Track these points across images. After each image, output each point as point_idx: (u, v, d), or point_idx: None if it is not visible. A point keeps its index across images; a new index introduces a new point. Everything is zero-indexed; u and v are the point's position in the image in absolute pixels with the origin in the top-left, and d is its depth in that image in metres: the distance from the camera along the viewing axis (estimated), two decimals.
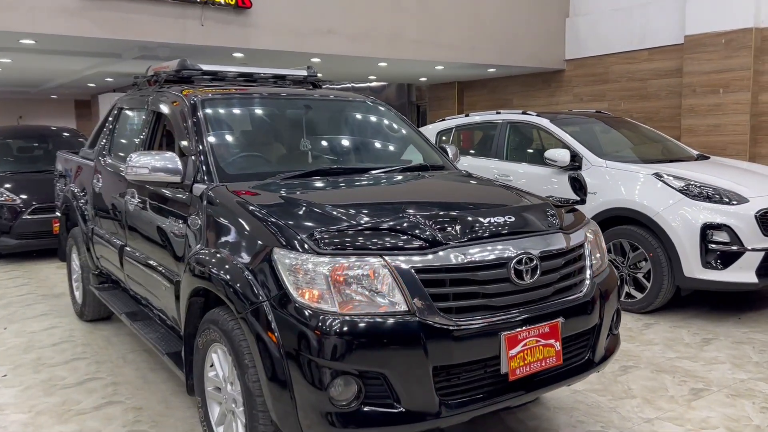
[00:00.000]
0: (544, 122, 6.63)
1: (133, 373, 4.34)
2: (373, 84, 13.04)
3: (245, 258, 2.69)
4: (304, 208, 2.82)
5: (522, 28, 8.91)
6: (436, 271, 2.49)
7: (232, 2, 6.23)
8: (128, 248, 4.17)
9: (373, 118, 4.31)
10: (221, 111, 3.77)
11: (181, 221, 3.32)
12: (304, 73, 4.72)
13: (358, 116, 4.28)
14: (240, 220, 2.84)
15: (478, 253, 2.57)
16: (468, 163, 7.27)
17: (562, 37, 9.33)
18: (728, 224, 5.09)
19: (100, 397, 3.96)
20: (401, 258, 2.47)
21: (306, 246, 2.48)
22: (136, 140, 4.36)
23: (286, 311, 2.43)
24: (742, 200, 5.20)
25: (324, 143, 3.93)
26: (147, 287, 3.92)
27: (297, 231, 2.56)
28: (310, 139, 3.92)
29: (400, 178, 3.55)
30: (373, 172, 3.58)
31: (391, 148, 4.18)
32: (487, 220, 2.76)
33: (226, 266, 2.76)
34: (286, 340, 2.41)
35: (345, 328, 2.35)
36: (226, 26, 6.41)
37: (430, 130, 8.36)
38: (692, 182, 5.37)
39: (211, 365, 2.97)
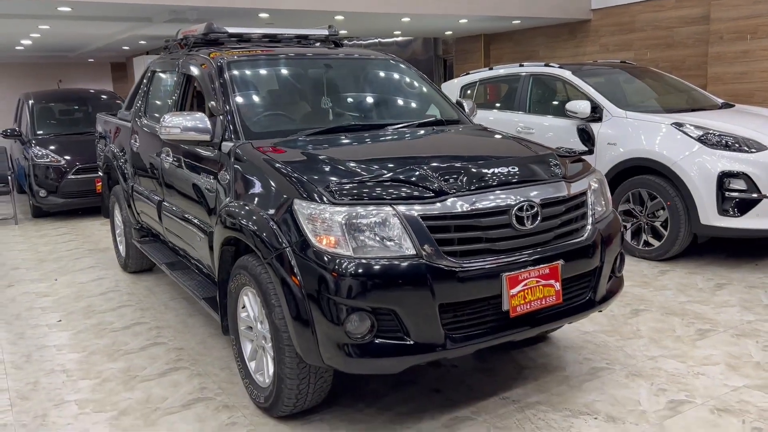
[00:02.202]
0: (566, 74, 6.66)
1: (174, 318, 4.69)
2: (399, 39, 13.00)
3: (270, 209, 2.91)
4: (321, 163, 3.02)
5: None
6: (441, 218, 2.69)
7: None
8: (165, 203, 4.44)
9: (392, 76, 4.44)
10: (246, 72, 3.96)
11: (212, 177, 3.57)
12: (326, 32, 4.88)
13: (378, 74, 4.42)
14: (264, 174, 3.06)
15: (480, 202, 2.76)
16: (492, 116, 7.37)
17: None
18: (746, 172, 5.14)
19: (145, 339, 4.31)
20: (409, 207, 2.67)
21: (323, 197, 2.70)
22: (169, 101, 4.59)
23: (306, 256, 2.67)
24: (761, 147, 5.23)
25: (345, 101, 4.10)
26: (184, 239, 4.20)
27: (315, 184, 2.78)
28: (332, 97, 4.09)
29: (414, 132, 3.71)
30: (390, 127, 3.75)
31: (410, 104, 4.33)
32: (491, 170, 2.94)
33: (253, 217, 2.99)
34: (307, 282, 2.65)
35: (359, 270, 2.58)
36: None
37: (455, 84, 8.43)
38: (711, 131, 5.40)
39: (243, 307, 3.24)
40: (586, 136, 4.04)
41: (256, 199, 3.07)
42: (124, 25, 7.33)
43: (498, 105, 7.81)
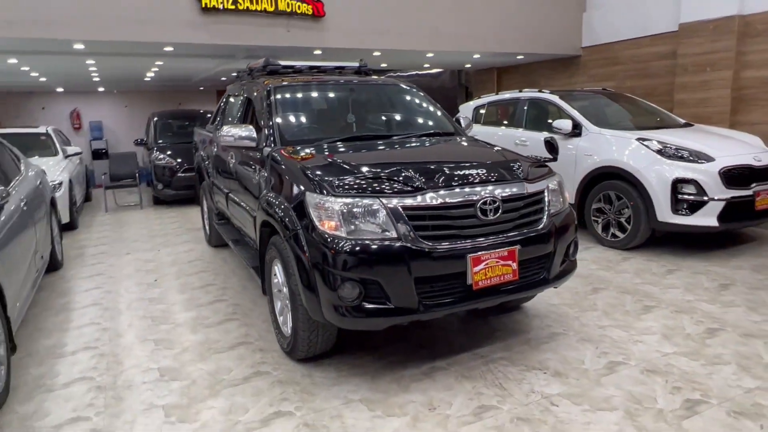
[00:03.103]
0: (554, 98, 6.39)
1: (237, 281, 4.75)
2: (433, 71, 12.79)
3: (290, 199, 2.90)
4: (330, 164, 2.98)
5: (544, 21, 8.46)
6: (418, 209, 2.61)
7: (310, 13, 6.32)
8: (231, 194, 4.50)
9: (403, 97, 4.34)
10: (287, 95, 3.94)
11: (257, 174, 3.58)
12: (357, 64, 4.83)
13: (392, 96, 4.33)
14: (289, 172, 3.05)
15: (450, 196, 2.66)
16: (499, 131, 7.16)
17: (578, 28, 8.76)
18: (695, 179, 4.81)
19: (213, 297, 4.38)
20: (392, 200, 2.60)
21: (326, 190, 2.66)
22: (236, 117, 4.64)
23: (313, 236, 2.64)
24: (709, 159, 4.88)
25: (362, 116, 4.02)
26: (241, 221, 4.24)
27: (321, 180, 2.74)
28: (352, 113, 4.03)
29: (413, 142, 3.61)
30: (395, 137, 3.66)
31: (415, 119, 4.22)
32: (463, 172, 2.83)
33: (280, 205, 2.99)
34: (313, 256, 2.63)
35: (351, 248, 2.54)
36: (306, 31, 6.53)
37: (470, 106, 8.22)
38: (668, 145, 5.08)
39: (274, 274, 3.24)
40: (551, 147, 3.88)
41: (282, 190, 3.05)
42: (216, 61, 7.49)
43: (503, 122, 7.59)
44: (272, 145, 3.48)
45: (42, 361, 3.28)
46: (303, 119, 3.85)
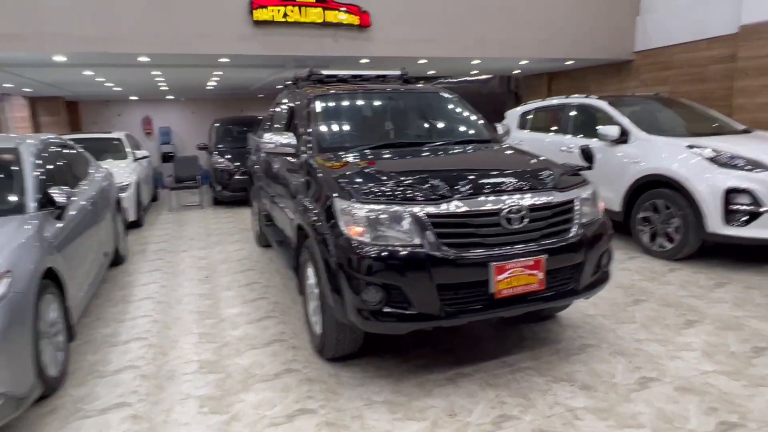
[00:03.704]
0: (602, 104, 6.13)
1: (280, 281, 4.87)
2: (483, 77, 12.60)
3: (320, 204, 2.95)
4: (361, 171, 3.00)
5: (594, 26, 8.12)
6: (442, 217, 2.58)
7: (357, 23, 6.40)
8: (274, 198, 4.62)
9: (441, 105, 4.30)
10: (326, 103, 4.00)
11: (295, 179, 3.66)
12: (398, 73, 4.84)
13: (430, 103, 4.30)
14: (321, 178, 3.10)
15: (474, 205, 2.62)
16: (544, 138, 6.96)
17: (631, 32, 8.35)
18: (750, 189, 4.47)
19: (257, 294, 4.52)
20: (417, 208, 2.59)
21: (353, 197, 2.68)
22: (282, 124, 4.76)
23: (339, 241, 2.67)
24: (765, 168, 4.52)
25: (398, 124, 4.02)
26: (282, 224, 4.35)
27: (350, 186, 2.77)
28: (388, 121, 4.04)
29: (446, 149, 3.57)
30: (428, 145, 3.64)
31: (452, 127, 4.17)
32: (490, 180, 2.77)
33: (313, 210, 3.04)
34: (339, 260, 2.65)
35: (374, 254, 2.55)
36: (353, 41, 6.61)
37: (517, 112, 8.03)
38: (721, 152, 4.75)
39: (308, 276, 3.30)
40: (587, 155, 3.73)
41: (314, 195, 3.11)
42: (268, 70, 7.74)
43: (549, 129, 7.36)
44: (309, 152, 3.55)
45: (98, 349, 3.50)
46: (341, 127, 3.90)
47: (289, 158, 3.87)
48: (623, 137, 5.60)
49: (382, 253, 2.54)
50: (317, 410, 2.65)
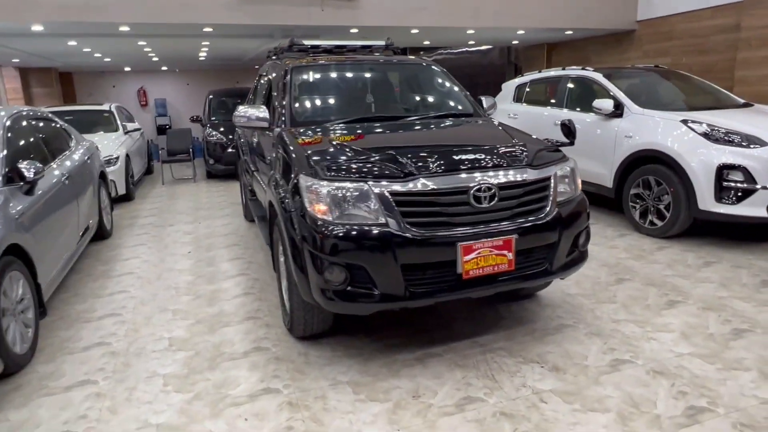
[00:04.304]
0: (597, 76, 5.94)
1: (263, 257, 4.82)
2: (483, 48, 12.27)
3: (288, 181, 2.86)
4: (329, 147, 2.89)
5: None
6: (407, 194, 2.49)
7: None
8: (254, 172, 4.53)
9: (424, 77, 4.15)
10: (304, 75, 3.87)
11: (270, 153, 3.56)
12: (383, 43, 4.67)
13: (411, 75, 4.15)
14: (290, 153, 2.99)
15: (441, 183, 2.52)
16: (539, 111, 6.78)
17: (634, 2, 8.04)
18: (744, 165, 4.33)
19: (237, 270, 4.47)
20: (381, 185, 2.49)
21: (317, 174, 2.59)
22: (259, 97, 4.63)
23: (304, 219, 2.59)
24: (763, 143, 4.37)
25: (378, 97, 3.88)
26: (262, 199, 4.27)
27: (315, 163, 2.67)
28: (367, 94, 3.90)
29: (422, 124, 3.44)
30: (406, 119, 3.51)
31: (434, 100, 4.03)
32: (461, 156, 2.66)
33: (282, 186, 2.95)
34: (304, 239, 2.58)
35: (337, 233, 2.47)
36: (340, 10, 6.38)
37: (513, 84, 7.82)
38: (716, 127, 4.58)
39: (280, 253, 3.24)
40: (567, 130, 3.59)
41: (283, 172, 3.02)
42: (257, 41, 7.53)
43: (544, 101, 7.17)
44: (282, 125, 3.44)
45: (71, 325, 3.48)
46: (316, 100, 3.77)
47: (264, 132, 3.76)
48: (618, 111, 5.44)
49: (346, 233, 2.46)
50: (281, 390, 2.62)
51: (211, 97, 10.92)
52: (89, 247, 5.33)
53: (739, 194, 4.38)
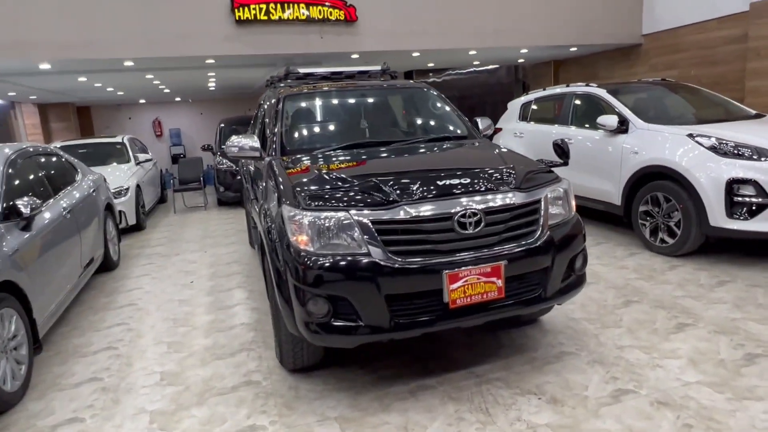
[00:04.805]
0: (601, 92, 5.86)
1: (262, 286, 4.77)
2: (490, 67, 12.29)
3: (274, 210, 2.84)
4: (313, 175, 2.86)
5: (598, 10, 7.76)
6: (389, 223, 2.44)
7: (342, 18, 6.25)
8: (252, 200, 4.53)
9: (416, 100, 4.13)
10: (296, 103, 3.89)
11: (262, 183, 3.55)
12: (378, 68, 4.69)
13: (404, 99, 4.14)
14: (277, 183, 2.98)
15: (424, 210, 2.46)
16: (543, 129, 6.71)
17: (638, 15, 7.97)
18: (755, 179, 4.18)
19: (236, 300, 4.43)
20: (363, 213, 2.45)
21: (299, 203, 2.56)
22: (255, 127, 4.67)
23: (287, 250, 2.55)
24: None
25: (369, 123, 3.87)
26: (258, 228, 4.26)
27: (297, 192, 2.64)
28: (359, 120, 3.89)
29: (411, 148, 3.38)
30: (395, 144, 3.47)
31: (425, 123, 4.00)
32: (445, 182, 2.61)
33: (269, 215, 2.93)
34: (288, 270, 2.54)
35: (318, 264, 2.42)
36: (339, 36, 6.46)
37: (518, 102, 7.79)
38: (725, 141, 4.45)
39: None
40: (561, 151, 3.51)
41: (270, 200, 3.00)
42: (261, 70, 7.67)
43: (549, 119, 7.10)
44: (273, 154, 3.44)
45: (65, 360, 3.48)
46: (307, 128, 3.77)
47: (257, 162, 3.77)
48: (623, 127, 5.34)
49: (327, 263, 2.41)
50: (267, 427, 2.55)
51: (222, 125, 11.11)
52: (95, 278, 5.38)
53: (752, 209, 4.21)
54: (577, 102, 6.34)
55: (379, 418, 2.55)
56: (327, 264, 2.41)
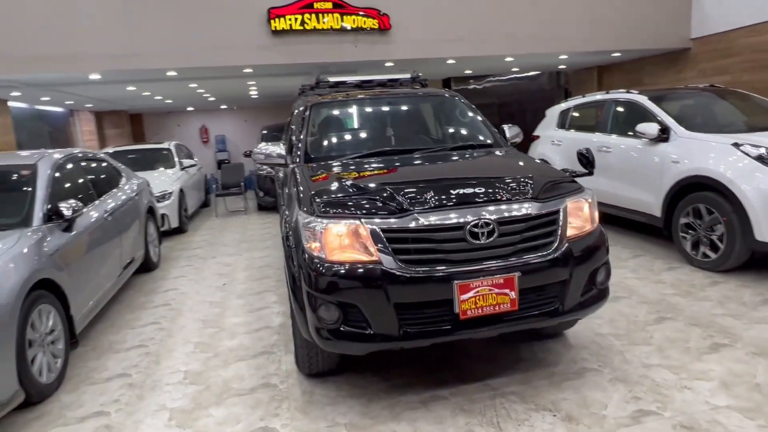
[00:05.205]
0: (641, 99, 5.65)
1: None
2: (531, 73, 12.09)
3: (293, 216, 2.90)
4: (332, 183, 2.90)
5: (643, 13, 7.47)
6: (399, 231, 2.44)
7: (376, 27, 6.31)
8: (282, 204, 4.64)
9: (442, 109, 4.11)
10: (323, 111, 3.96)
11: (285, 190, 3.64)
12: (408, 75, 4.72)
13: (430, 107, 4.13)
14: (297, 190, 3.04)
15: (436, 219, 2.45)
16: (581, 137, 6.54)
17: (687, 18, 7.63)
18: None
19: (264, 304, 4.52)
20: (373, 222, 2.46)
21: (313, 210, 2.60)
22: (287, 134, 4.77)
23: (301, 256, 2.60)
24: None
25: (393, 131, 3.89)
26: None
27: (312, 199, 2.69)
28: (383, 128, 3.92)
29: (432, 157, 3.36)
30: (417, 153, 3.46)
31: (449, 131, 3.98)
32: (460, 191, 2.58)
33: (288, 221, 3.00)
34: (302, 276, 2.59)
35: (329, 271, 2.45)
36: (374, 45, 6.53)
37: (557, 109, 7.62)
38: None
39: None
40: (586, 160, 3.41)
41: (291, 208, 3.06)
42: (297, 78, 7.81)
43: (588, 127, 6.90)
44: (297, 161, 3.52)
45: (100, 356, 3.67)
46: (332, 136, 3.84)
47: (284, 169, 3.86)
48: (664, 135, 5.12)
49: (338, 271, 2.44)
50: (278, 430, 2.60)
51: (264, 132, 11.43)
52: (135, 278, 5.64)
53: None
54: (617, 109, 6.13)
55: (388, 426, 2.55)
56: (337, 271, 2.44)
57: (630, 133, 5.68)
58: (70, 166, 4.45)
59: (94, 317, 4.26)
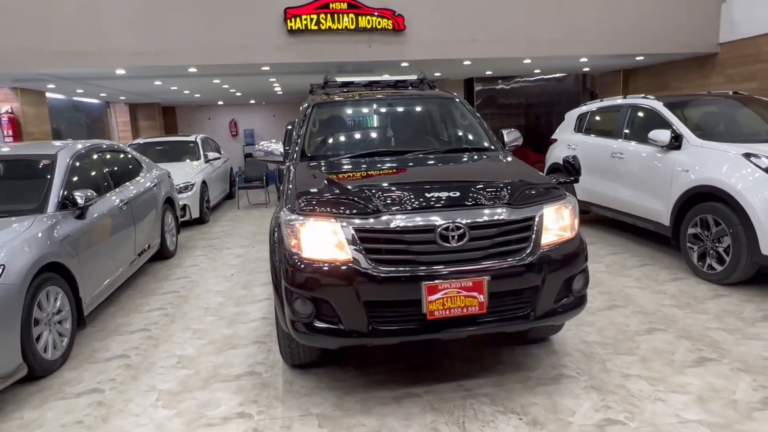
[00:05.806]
0: (657, 105, 5.53)
1: None
2: (558, 75, 11.89)
3: (279, 212, 3.01)
4: (317, 181, 2.99)
5: (671, 16, 7.25)
6: (371, 231, 2.51)
7: (390, 27, 6.37)
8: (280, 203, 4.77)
9: (441, 111, 4.14)
10: (324, 111, 4.05)
11: (282, 185, 3.76)
12: (415, 77, 4.76)
13: (429, 109, 4.17)
14: (286, 187, 3.15)
15: (407, 221, 2.51)
16: (596, 142, 6.45)
17: (715, 22, 7.37)
18: None
19: (267, 294, 4.66)
20: (347, 221, 2.54)
21: (293, 209, 2.70)
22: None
23: (282, 251, 2.71)
24: None
25: (394, 132, 3.94)
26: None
27: (297, 197, 2.79)
28: (380, 129, 3.98)
29: (419, 159, 3.40)
30: (411, 154, 3.51)
31: (445, 134, 4.01)
32: (435, 193, 2.64)
33: (275, 218, 3.11)
34: (281, 270, 2.70)
35: (304, 267, 2.55)
36: (387, 45, 6.58)
37: (575, 113, 7.51)
38: None
39: None
40: (571, 167, 3.38)
41: (281, 204, 3.17)
42: (313, 77, 7.92)
43: (603, 132, 6.79)
44: (292, 160, 3.63)
45: (106, 336, 3.88)
46: (328, 135, 3.92)
47: (283, 166, 3.98)
48: (676, 143, 5.01)
49: (312, 267, 2.54)
50: (253, 416, 2.72)
51: (289, 127, 11.62)
52: (151, 265, 5.89)
53: None
54: (633, 115, 6.02)
55: (357, 420, 2.63)
56: (312, 267, 2.53)
57: (642, 140, 5.58)
58: (90, 157, 4.70)
59: (105, 300, 4.50)
